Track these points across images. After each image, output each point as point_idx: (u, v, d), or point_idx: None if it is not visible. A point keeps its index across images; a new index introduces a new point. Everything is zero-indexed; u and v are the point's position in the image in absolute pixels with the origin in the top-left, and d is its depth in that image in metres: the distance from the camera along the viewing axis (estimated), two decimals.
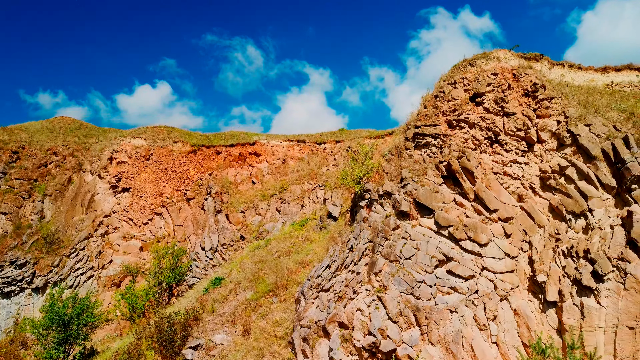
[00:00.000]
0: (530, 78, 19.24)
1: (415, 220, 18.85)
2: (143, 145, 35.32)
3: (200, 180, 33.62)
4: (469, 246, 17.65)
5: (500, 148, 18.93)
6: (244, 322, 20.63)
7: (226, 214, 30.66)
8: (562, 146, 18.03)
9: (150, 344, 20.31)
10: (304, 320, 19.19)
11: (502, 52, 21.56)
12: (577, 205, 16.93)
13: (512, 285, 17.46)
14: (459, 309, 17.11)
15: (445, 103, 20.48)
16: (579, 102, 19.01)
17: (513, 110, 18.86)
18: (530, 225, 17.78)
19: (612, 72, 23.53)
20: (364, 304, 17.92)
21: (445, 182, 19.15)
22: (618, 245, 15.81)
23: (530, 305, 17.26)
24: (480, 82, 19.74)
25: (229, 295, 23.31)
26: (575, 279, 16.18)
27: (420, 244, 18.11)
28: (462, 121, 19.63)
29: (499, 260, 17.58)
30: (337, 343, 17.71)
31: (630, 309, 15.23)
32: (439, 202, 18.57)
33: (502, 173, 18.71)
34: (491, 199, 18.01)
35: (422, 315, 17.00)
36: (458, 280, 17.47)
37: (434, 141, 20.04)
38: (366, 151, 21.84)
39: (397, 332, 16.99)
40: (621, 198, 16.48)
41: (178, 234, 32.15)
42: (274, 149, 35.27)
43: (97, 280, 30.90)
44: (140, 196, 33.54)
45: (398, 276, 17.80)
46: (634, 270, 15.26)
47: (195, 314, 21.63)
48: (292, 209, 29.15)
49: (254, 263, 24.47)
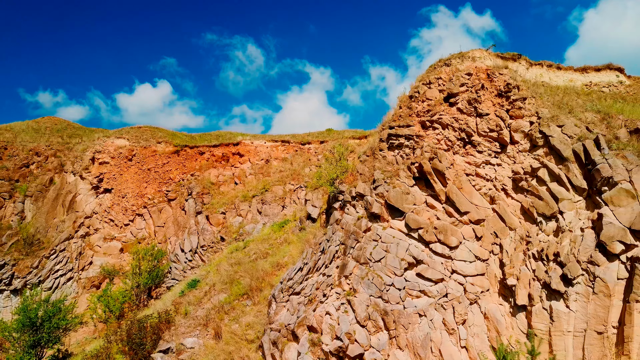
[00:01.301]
0: (504, 78, 18.97)
1: (387, 222, 18.58)
2: (126, 145, 35.01)
3: (183, 181, 33.33)
4: (439, 249, 17.38)
5: (473, 149, 18.66)
6: (215, 325, 20.35)
7: (206, 215, 30.36)
8: (535, 147, 17.76)
9: (120, 348, 20.01)
10: (274, 324, 18.91)
11: (478, 51, 21.30)
12: (548, 207, 16.66)
13: (483, 288, 17.19)
14: (428, 312, 16.84)
15: (419, 103, 20.21)
16: (553, 103, 18.74)
17: (486, 111, 18.59)
18: (501, 227, 17.51)
19: (592, 72, 23.31)
20: (333, 307, 17.64)
21: (417, 183, 18.88)
22: (588, 248, 15.54)
23: (500, 309, 17.00)
24: (454, 83, 19.47)
25: (203, 298, 23.03)
26: (545, 283, 15.92)
27: (391, 247, 17.83)
28: (435, 122, 19.35)
29: (469, 264, 17.30)
30: (305, 347, 17.43)
31: (598, 313, 14.97)
32: (409, 204, 18.29)
33: (475, 174, 18.43)
34: (462, 200, 17.73)
35: (390, 319, 16.72)
36: (427, 284, 17.20)
37: (407, 142, 19.76)
38: (341, 152, 21.55)
39: (365, 336, 16.71)
40: (592, 200, 16.21)
41: (159, 235, 31.87)
42: (258, 150, 34.97)
43: (77, 281, 30.62)
44: (122, 197, 33.25)
45: (367, 279, 17.52)
46: (602, 274, 15.00)
47: (168, 317, 21.34)
48: (272, 210, 28.86)
49: (230, 265, 24.19)
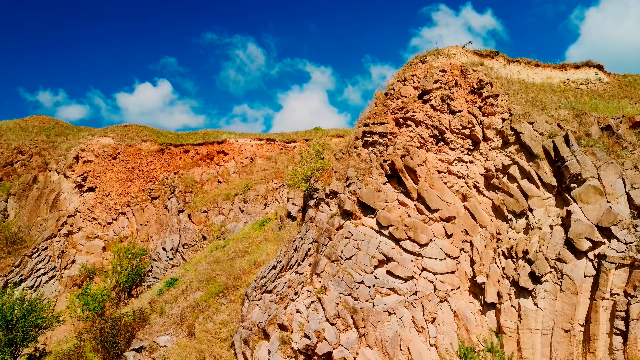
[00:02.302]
0: (477, 75, 18.86)
1: (359, 219, 18.47)
2: (111, 144, 34.91)
3: (166, 179, 33.23)
4: (409, 246, 17.28)
5: (445, 146, 18.55)
6: (189, 323, 20.25)
7: (188, 214, 30.26)
8: (507, 144, 17.66)
9: (93, 346, 19.92)
10: (246, 322, 18.82)
11: (454, 48, 21.19)
12: (518, 204, 16.56)
13: (453, 286, 17.09)
14: (397, 310, 16.74)
15: (394, 101, 20.10)
16: (527, 100, 18.64)
17: (459, 108, 18.48)
18: (472, 225, 17.41)
19: (571, 70, 23.21)
20: (303, 305, 17.55)
21: (390, 181, 18.77)
22: (556, 245, 15.44)
23: (470, 306, 16.90)
24: (428, 79, 19.37)
25: (180, 297, 22.93)
26: (514, 281, 15.82)
27: (362, 244, 17.73)
28: (408, 119, 19.25)
29: (440, 261, 17.20)
30: (275, 345, 17.34)
31: (566, 311, 14.87)
32: (381, 201, 18.19)
33: (447, 172, 18.33)
34: (433, 198, 17.63)
35: (359, 317, 16.63)
36: (397, 281, 17.10)
37: (380, 140, 19.65)
38: (316, 150, 21.45)
39: (334, 334, 16.61)
40: (562, 197, 16.11)
41: (141, 233, 31.76)
42: (243, 148, 34.85)
43: (59, 280, 30.53)
44: (106, 195, 33.14)
45: (338, 277, 17.42)
46: (570, 272, 14.90)
47: (143, 315, 21.24)
48: (255, 208, 28.76)
49: (208, 264, 24.09)
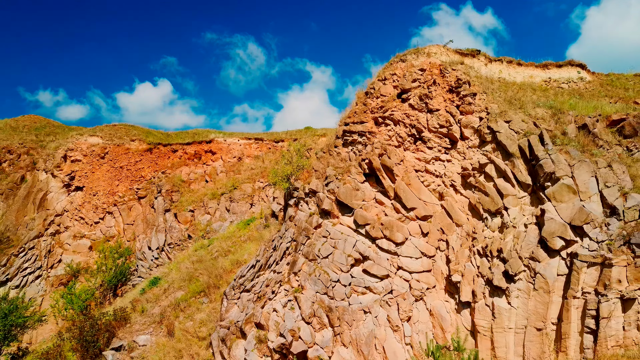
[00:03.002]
0: (456, 74, 18.84)
1: (337, 218, 18.46)
2: (99, 143, 34.89)
3: (154, 178, 33.22)
4: (385, 245, 17.27)
5: (423, 145, 18.54)
6: (169, 322, 20.25)
7: (175, 213, 30.26)
8: (484, 143, 17.65)
9: (73, 345, 19.91)
10: (224, 321, 18.81)
11: (435, 47, 21.19)
12: (493, 203, 16.55)
13: (429, 285, 17.08)
14: (373, 309, 16.73)
15: (374, 100, 20.09)
16: (505, 99, 18.63)
17: (437, 107, 18.47)
18: (448, 223, 17.40)
19: (553, 69, 23.22)
20: (280, 304, 17.53)
21: (368, 180, 18.76)
22: (530, 244, 15.44)
23: (446, 305, 16.89)
24: (407, 78, 19.35)
25: (162, 296, 22.93)
26: (488, 279, 15.82)
27: (338, 243, 17.72)
28: (387, 118, 19.23)
29: (415, 260, 17.18)
30: (252, 344, 17.34)
31: (538, 309, 14.88)
32: (359, 200, 18.17)
33: (424, 171, 18.31)
34: (409, 197, 17.61)
35: (335, 315, 16.61)
36: (373, 280, 17.09)
37: (360, 139, 19.64)
38: (297, 149, 21.45)
39: (310, 333, 16.60)
40: (536, 196, 16.10)
41: (128, 233, 31.74)
42: (231, 147, 34.84)
43: (45, 280, 30.52)
44: (93, 195, 33.13)
45: (314, 276, 17.41)
46: (542, 270, 14.90)
47: (124, 314, 21.25)
48: (241, 207, 28.75)
49: (191, 263, 24.08)
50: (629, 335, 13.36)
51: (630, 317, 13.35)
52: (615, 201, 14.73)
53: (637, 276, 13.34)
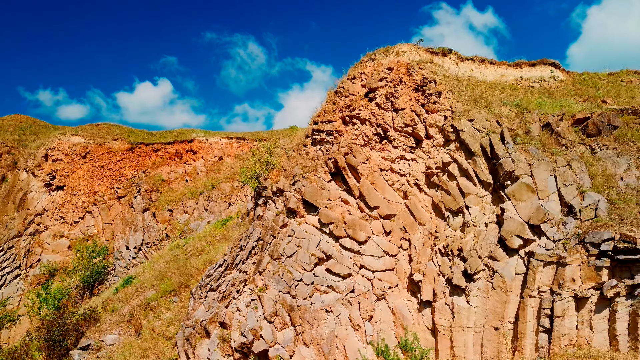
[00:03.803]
0: (422, 73, 18.81)
1: (303, 217, 18.41)
2: (81, 142, 34.85)
3: (134, 178, 33.19)
4: (348, 244, 17.23)
5: (389, 144, 18.50)
6: (137, 322, 20.22)
7: (153, 213, 30.23)
8: (448, 142, 17.62)
9: (40, 345, 19.87)
10: (190, 321, 18.78)
11: (405, 46, 21.16)
12: (455, 202, 16.52)
13: (391, 284, 17.04)
14: (334, 308, 16.68)
15: (342, 99, 20.05)
16: (471, 97, 18.59)
17: (402, 106, 18.44)
18: (410, 222, 17.36)
19: (526, 67, 23.19)
20: (243, 303, 17.49)
21: (334, 179, 18.71)
22: (490, 243, 15.42)
23: (408, 304, 16.86)
24: (374, 77, 19.32)
25: (134, 295, 22.90)
26: (449, 279, 15.80)
27: (303, 242, 17.68)
28: (354, 117, 19.19)
29: (378, 259, 17.15)
30: (215, 343, 17.30)
31: (496, 308, 14.85)
32: (324, 199, 18.13)
33: (389, 170, 18.28)
34: (373, 195, 17.58)
35: (296, 315, 16.57)
36: (336, 279, 17.05)
37: (327, 138, 19.60)
38: (266, 148, 21.42)
39: (272, 332, 16.56)
40: (498, 195, 16.07)
41: (106, 232, 31.72)
42: (212, 147, 34.81)
43: (24, 279, 30.49)
44: (74, 194, 33.09)
45: (278, 275, 17.37)
46: (501, 269, 14.88)
47: (94, 313, 21.21)
48: (219, 207, 28.71)
49: (165, 262, 24.05)
50: (582, 335, 13.33)
51: (584, 316, 13.32)
52: (573, 200, 14.72)
53: (591, 275, 13.31)
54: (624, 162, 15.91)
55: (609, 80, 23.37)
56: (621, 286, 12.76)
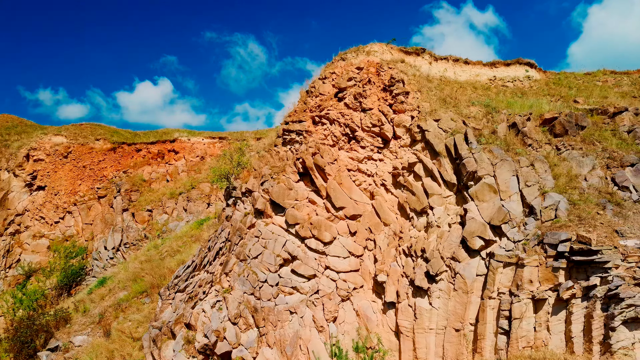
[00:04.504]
0: (391, 72, 18.69)
1: (270, 218, 18.30)
2: (63, 142, 34.71)
3: (115, 178, 33.07)
4: (314, 244, 17.11)
5: (357, 144, 18.39)
6: (106, 323, 20.10)
7: (132, 213, 30.11)
8: (414, 142, 17.51)
9: (8, 346, 19.75)
10: (157, 322, 18.67)
11: (377, 45, 21.03)
12: (419, 202, 16.41)
13: (356, 285, 16.93)
14: (299, 309, 16.57)
15: (313, 99, 19.93)
16: (440, 97, 18.48)
17: (370, 106, 18.32)
18: (376, 223, 17.25)
19: (501, 67, 23.07)
20: (209, 304, 17.38)
21: (303, 179, 18.60)
22: (452, 244, 15.31)
23: (373, 306, 16.76)
24: (343, 77, 19.20)
25: (107, 296, 22.78)
26: (411, 279, 15.68)
27: (269, 243, 17.56)
28: (324, 117, 19.07)
29: (343, 259, 17.04)
30: (180, 345, 17.19)
31: (457, 310, 14.74)
32: (291, 199, 18.01)
33: (357, 170, 18.16)
34: (339, 196, 17.47)
35: (260, 316, 16.46)
36: (300, 280, 16.94)
37: (297, 138, 19.48)
38: (237, 147, 21.28)
39: (235, 333, 16.45)
40: (462, 195, 15.96)
41: (86, 232, 31.60)
42: (194, 146, 34.69)
43: (3, 279, 30.36)
44: (55, 194, 32.96)
45: (243, 276, 17.26)
46: (462, 270, 14.77)
47: (64, 314, 21.08)
48: (197, 207, 28.61)
49: (139, 263, 23.93)
50: (539, 336, 13.21)
51: (541, 318, 13.20)
52: (534, 200, 14.61)
53: (548, 277, 13.19)
54: (589, 163, 15.80)
55: (585, 80, 23.25)
56: (577, 287, 12.65)
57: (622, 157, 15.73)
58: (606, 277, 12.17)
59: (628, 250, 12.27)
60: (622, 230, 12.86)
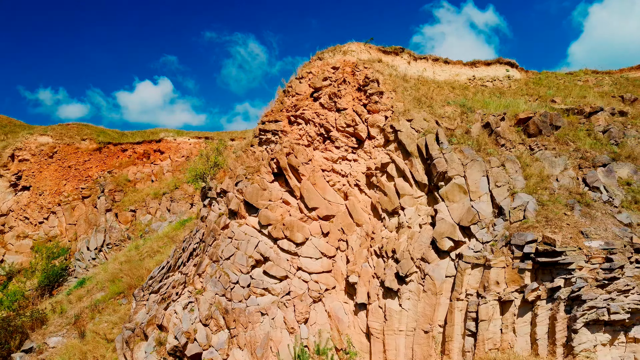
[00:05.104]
0: (366, 72, 18.57)
1: (244, 219, 18.18)
2: (49, 142, 34.58)
3: (99, 178, 32.95)
4: (286, 245, 16.99)
5: (331, 145, 18.27)
6: (81, 324, 19.98)
7: (116, 213, 29.99)
8: (388, 142, 17.39)
9: None
10: (130, 323, 18.54)
11: (355, 45, 20.90)
12: (391, 203, 16.29)
13: (328, 286, 16.81)
14: (270, 311, 16.44)
15: (290, 98, 19.80)
16: (415, 97, 18.36)
17: (345, 106, 18.20)
18: (349, 223, 17.13)
19: (482, 67, 22.95)
20: (180, 306, 17.26)
21: (277, 179, 18.48)
22: (422, 245, 15.19)
23: (345, 307, 16.63)
24: (319, 77, 19.08)
25: (85, 297, 22.65)
26: (382, 280, 15.56)
27: (241, 244, 17.44)
28: (299, 117, 18.95)
29: (315, 260, 16.92)
30: (151, 346, 17.07)
31: (426, 311, 14.62)
32: (265, 200, 17.89)
33: (331, 170, 18.04)
34: (312, 196, 17.34)
35: (230, 317, 16.34)
36: (272, 281, 16.81)
37: (273, 137, 19.36)
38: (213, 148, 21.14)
39: (206, 335, 16.32)
40: (433, 196, 15.84)
41: (70, 233, 31.47)
42: (180, 147, 34.57)
43: None
44: (40, 194, 32.83)
45: (215, 277, 17.14)
46: (431, 272, 14.65)
47: (41, 316, 20.95)
48: (181, 207, 28.49)
49: (119, 263, 23.80)
50: (506, 338, 13.09)
51: (508, 320, 13.08)
52: (503, 201, 14.49)
53: (514, 278, 13.08)
54: (561, 163, 15.68)
55: (566, 80, 23.12)
56: (542, 289, 12.53)
57: (594, 157, 15.63)
58: (570, 278, 12.06)
59: (592, 252, 12.15)
60: (587, 231, 12.74)
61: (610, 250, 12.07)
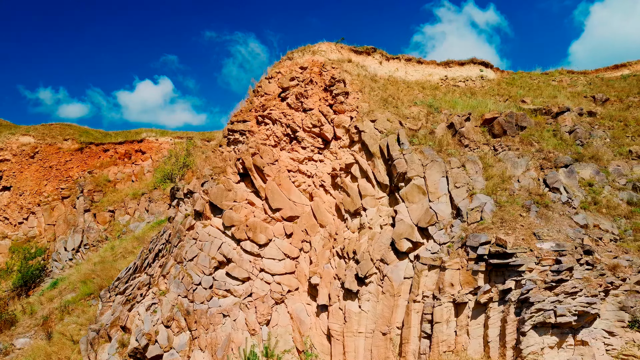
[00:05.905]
0: (332, 72, 18.46)
1: (209, 220, 18.07)
2: (30, 142, 34.47)
3: (79, 178, 32.85)
4: (249, 247, 16.88)
5: (298, 145, 18.16)
6: (48, 325, 19.88)
7: (94, 213, 29.91)
8: (353, 143, 17.28)
9: None
10: (96, 324, 18.44)
11: (325, 45, 20.81)
12: (353, 203, 16.19)
13: (291, 287, 16.70)
14: (232, 312, 16.34)
15: (259, 98, 19.70)
16: (382, 97, 18.25)
17: (311, 106, 18.09)
18: (312, 224, 17.03)
19: (455, 67, 22.85)
20: (144, 307, 17.16)
21: (244, 180, 18.36)
22: (382, 246, 15.09)
23: (307, 308, 16.53)
24: (286, 77, 18.97)
25: (56, 297, 22.55)
26: (342, 282, 15.45)
27: (205, 245, 17.34)
28: (267, 117, 18.84)
29: (278, 262, 16.81)
30: (114, 348, 16.99)
31: (385, 313, 14.52)
32: (229, 201, 17.78)
33: (297, 171, 17.93)
34: (276, 197, 17.23)
35: (192, 319, 16.23)
36: (234, 283, 16.71)
37: (241, 138, 19.25)
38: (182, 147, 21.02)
39: (167, 337, 16.21)
40: (394, 197, 15.73)
41: (48, 233, 31.38)
42: (162, 146, 34.45)
43: None
44: (20, 195, 32.74)
45: (178, 278, 17.04)
46: (390, 273, 14.56)
47: (11, 317, 20.85)
48: (159, 208, 28.39)
49: (92, 264, 23.70)
50: (460, 341, 12.98)
51: (462, 322, 12.98)
52: (462, 202, 14.39)
53: (468, 280, 12.97)
54: (523, 164, 15.58)
55: (540, 80, 23.02)
56: (494, 291, 12.43)
57: (557, 157, 15.53)
58: (520, 280, 11.96)
59: (543, 253, 12.05)
60: (540, 233, 12.64)
61: (560, 252, 11.96)
